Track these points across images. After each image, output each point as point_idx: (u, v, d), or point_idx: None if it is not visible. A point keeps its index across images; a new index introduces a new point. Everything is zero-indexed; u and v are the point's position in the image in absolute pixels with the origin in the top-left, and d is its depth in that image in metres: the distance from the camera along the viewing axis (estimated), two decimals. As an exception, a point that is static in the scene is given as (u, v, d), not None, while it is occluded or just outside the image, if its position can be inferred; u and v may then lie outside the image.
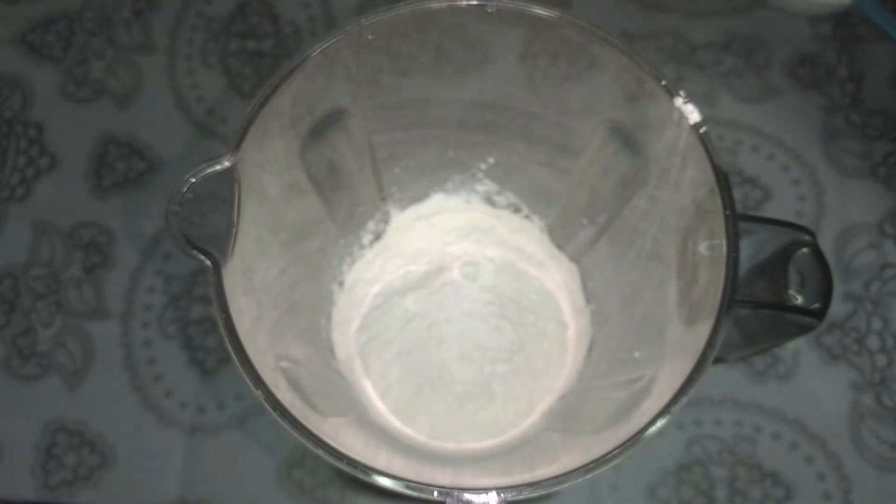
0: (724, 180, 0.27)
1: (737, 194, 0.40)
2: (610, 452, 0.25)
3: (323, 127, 0.34)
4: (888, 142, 0.43)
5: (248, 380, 0.26)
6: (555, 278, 0.39)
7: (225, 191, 0.27)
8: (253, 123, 0.28)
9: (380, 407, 0.36)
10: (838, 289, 0.40)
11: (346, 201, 0.39)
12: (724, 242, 0.26)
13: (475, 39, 0.32)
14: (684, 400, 0.26)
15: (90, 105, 0.45)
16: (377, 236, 0.40)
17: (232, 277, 0.27)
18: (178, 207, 0.27)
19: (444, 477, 0.33)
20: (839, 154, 0.43)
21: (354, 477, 0.26)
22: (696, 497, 0.37)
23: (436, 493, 0.25)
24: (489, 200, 0.41)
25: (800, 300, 0.27)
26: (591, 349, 0.37)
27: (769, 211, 0.42)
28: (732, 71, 0.44)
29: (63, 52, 0.46)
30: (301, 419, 0.26)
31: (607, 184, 0.37)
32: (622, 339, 0.36)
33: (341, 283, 0.39)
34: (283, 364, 0.31)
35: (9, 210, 0.43)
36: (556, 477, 0.25)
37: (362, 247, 0.40)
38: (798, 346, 0.39)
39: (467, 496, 0.25)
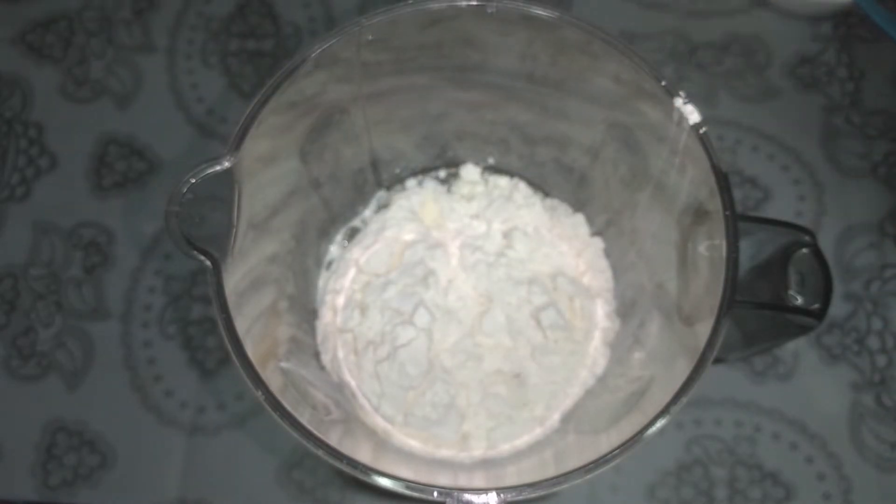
0: (723, 180, 0.27)
1: (737, 194, 0.40)
2: (610, 452, 0.25)
3: (323, 127, 0.34)
4: (888, 141, 0.43)
5: (248, 380, 0.26)
6: (577, 256, 0.38)
7: (225, 191, 0.27)
8: (253, 123, 0.28)
9: (374, 411, 0.36)
10: (838, 289, 0.40)
11: (347, 201, 0.40)
12: (723, 242, 0.26)
13: (475, 39, 0.32)
14: (684, 400, 0.26)
15: (90, 105, 0.45)
16: (377, 236, 0.40)
17: (232, 277, 0.27)
18: (178, 207, 0.27)
19: (443, 478, 0.33)
20: (839, 154, 0.43)
21: (354, 477, 0.26)
22: (696, 497, 0.37)
23: (436, 494, 0.25)
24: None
25: (800, 300, 0.27)
26: (612, 347, 0.37)
27: (769, 211, 0.42)
28: (732, 71, 0.44)
29: (63, 52, 0.46)
30: (301, 419, 0.26)
31: (607, 184, 0.37)
32: (622, 339, 0.36)
33: (339, 283, 0.39)
34: (283, 364, 0.31)
35: (9, 210, 0.43)
36: (556, 477, 0.25)
37: (364, 247, 0.39)
38: (798, 346, 0.39)
39: (467, 496, 0.25)
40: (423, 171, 0.41)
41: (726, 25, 0.45)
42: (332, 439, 0.26)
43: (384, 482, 0.25)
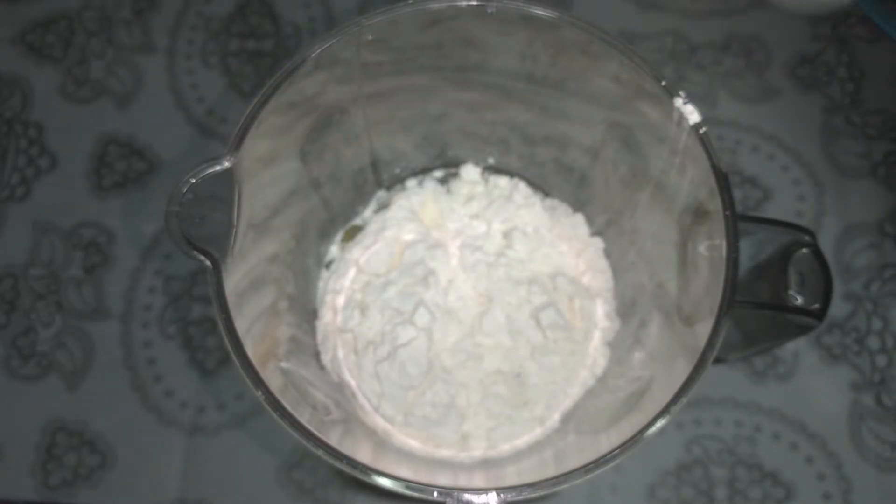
0: (723, 181, 0.27)
1: (737, 194, 0.40)
2: (610, 452, 0.25)
3: (323, 127, 0.34)
4: (888, 142, 0.43)
5: (248, 380, 0.26)
6: (577, 256, 0.38)
7: (225, 191, 0.27)
8: (253, 123, 0.28)
9: (374, 411, 0.36)
10: (838, 289, 0.40)
11: (347, 201, 0.40)
12: (723, 243, 0.26)
13: (475, 39, 0.32)
14: (684, 400, 0.26)
15: (90, 105, 0.45)
16: (377, 236, 0.40)
17: (232, 277, 0.27)
18: (178, 207, 0.27)
19: (443, 478, 0.33)
20: (839, 154, 0.43)
21: (354, 477, 0.26)
22: (696, 497, 0.37)
23: (436, 494, 0.25)
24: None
25: (800, 300, 0.27)
26: (612, 347, 0.37)
27: (769, 211, 0.42)
28: (732, 71, 0.44)
29: (63, 52, 0.46)
30: (301, 419, 0.26)
31: (607, 184, 0.37)
32: (622, 339, 0.36)
33: (339, 283, 0.39)
34: (283, 364, 0.31)
35: (9, 210, 0.43)
36: (556, 477, 0.25)
37: (364, 247, 0.39)
38: (798, 346, 0.39)
39: (467, 496, 0.25)
40: (423, 171, 0.41)
41: (726, 25, 0.45)
42: (332, 439, 0.26)
43: (384, 482, 0.25)
